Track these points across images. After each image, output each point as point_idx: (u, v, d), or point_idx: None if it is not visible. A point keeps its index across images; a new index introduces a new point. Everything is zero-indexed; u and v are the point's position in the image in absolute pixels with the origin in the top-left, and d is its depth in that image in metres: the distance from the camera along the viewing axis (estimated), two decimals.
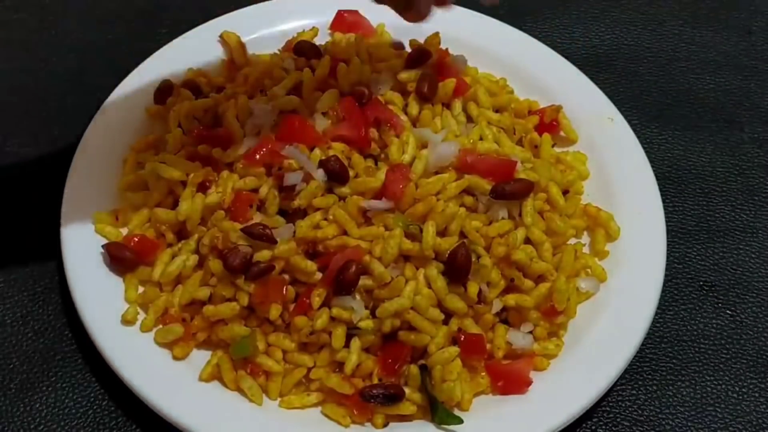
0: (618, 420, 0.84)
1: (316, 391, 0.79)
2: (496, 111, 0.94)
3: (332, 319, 0.79)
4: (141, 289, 0.83)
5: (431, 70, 0.92)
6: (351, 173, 0.83)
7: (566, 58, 1.04)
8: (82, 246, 0.84)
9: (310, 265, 0.79)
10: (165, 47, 1.00)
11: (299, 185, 0.82)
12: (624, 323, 0.84)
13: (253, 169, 0.83)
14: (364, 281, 0.79)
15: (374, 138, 0.86)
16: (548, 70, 1.02)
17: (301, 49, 0.95)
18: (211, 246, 0.80)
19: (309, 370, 0.79)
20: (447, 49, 0.98)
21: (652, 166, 0.95)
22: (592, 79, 1.02)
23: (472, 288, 0.80)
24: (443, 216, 0.81)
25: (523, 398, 0.80)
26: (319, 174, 0.82)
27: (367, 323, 0.78)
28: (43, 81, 1.04)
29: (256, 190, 0.83)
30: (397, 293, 0.78)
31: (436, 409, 0.77)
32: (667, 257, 0.88)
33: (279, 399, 0.79)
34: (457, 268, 0.80)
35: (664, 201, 0.92)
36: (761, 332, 0.91)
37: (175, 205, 0.85)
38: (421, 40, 0.99)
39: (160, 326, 0.80)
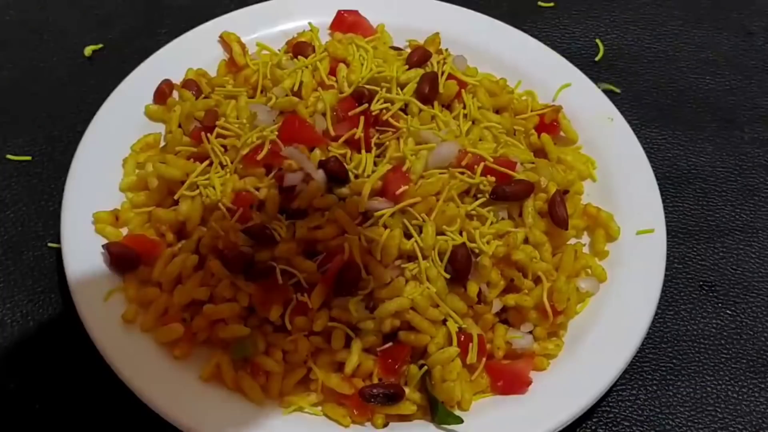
0: (618, 420, 0.84)
1: (316, 391, 0.79)
2: (496, 112, 0.94)
3: (332, 319, 0.79)
4: (141, 289, 0.83)
5: (431, 71, 0.92)
6: (351, 173, 0.83)
7: (566, 58, 1.04)
8: (82, 246, 0.84)
9: (310, 265, 0.79)
10: (165, 47, 1.00)
11: (299, 186, 0.82)
12: (624, 323, 0.84)
13: (253, 169, 0.83)
14: (364, 281, 0.79)
15: (374, 138, 0.86)
16: (548, 70, 1.02)
17: (301, 49, 0.95)
18: (211, 246, 0.80)
19: (309, 370, 0.79)
20: (447, 49, 0.98)
21: (652, 166, 0.95)
22: (592, 79, 1.02)
23: (472, 288, 0.80)
24: (443, 216, 0.81)
25: (523, 398, 0.80)
26: (319, 174, 0.82)
27: (367, 323, 0.78)
28: (43, 81, 1.04)
29: (256, 190, 0.83)
30: (397, 293, 0.78)
31: (436, 409, 0.77)
32: (667, 257, 0.88)
33: (279, 399, 0.79)
34: (457, 268, 0.80)
35: (664, 201, 0.92)
36: (761, 332, 0.91)
37: (175, 205, 0.85)
38: (421, 41, 1.00)
39: (160, 326, 0.80)
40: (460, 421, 0.77)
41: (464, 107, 0.92)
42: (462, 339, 0.79)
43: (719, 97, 1.11)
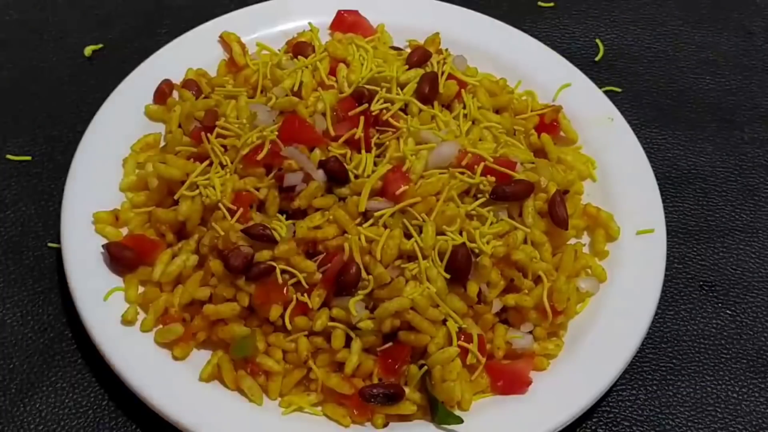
0: (618, 420, 0.84)
1: (316, 391, 0.79)
2: (496, 112, 0.94)
3: (332, 319, 0.79)
4: (141, 289, 0.83)
5: (431, 71, 0.92)
6: (351, 173, 0.83)
7: (566, 58, 1.04)
8: (82, 246, 0.84)
9: (310, 265, 0.79)
10: (165, 47, 1.00)
11: (299, 186, 0.82)
12: (624, 323, 0.84)
13: (253, 169, 0.83)
14: (364, 281, 0.79)
15: (374, 138, 0.86)
16: (548, 69, 1.02)
17: (301, 49, 0.95)
18: (211, 246, 0.80)
19: (309, 370, 0.79)
20: (447, 49, 0.98)
21: (652, 166, 0.95)
22: (592, 79, 1.02)
23: (472, 288, 0.80)
24: (443, 216, 0.81)
25: (523, 398, 0.80)
26: (319, 174, 0.82)
27: (367, 323, 0.78)
28: (43, 81, 1.04)
29: (256, 190, 0.83)
30: (397, 293, 0.78)
31: (436, 409, 0.77)
32: (667, 257, 0.88)
33: (279, 399, 0.79)
34: (457, 268, 0.80)
35: (664, 201, 0.92)
36: (761, 332, 0.91)
37: (175, 205, 0.85)
38: (421, 41, 0.99)
39: (160, 326, 0.80)
40: (460, 421, 0.77)
41: (464, 107, 0.91)
42: (462, 339, 0.79)
43: (719, 97, 1.11)
